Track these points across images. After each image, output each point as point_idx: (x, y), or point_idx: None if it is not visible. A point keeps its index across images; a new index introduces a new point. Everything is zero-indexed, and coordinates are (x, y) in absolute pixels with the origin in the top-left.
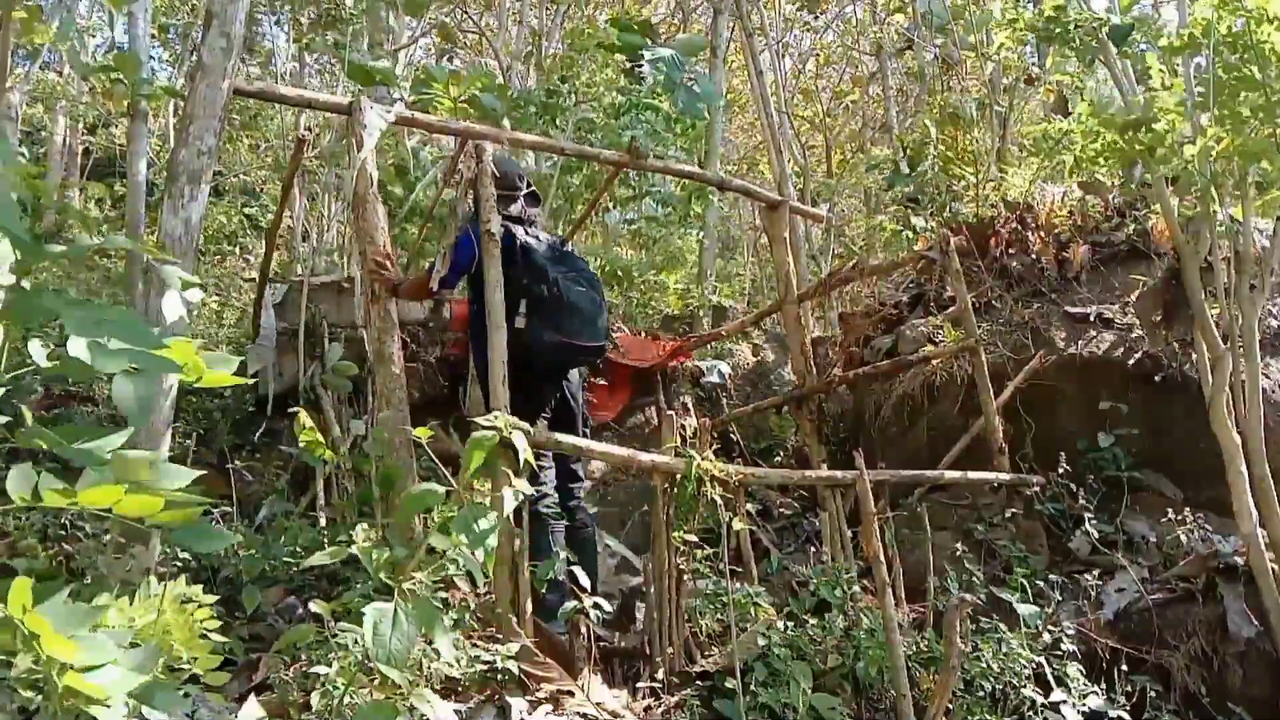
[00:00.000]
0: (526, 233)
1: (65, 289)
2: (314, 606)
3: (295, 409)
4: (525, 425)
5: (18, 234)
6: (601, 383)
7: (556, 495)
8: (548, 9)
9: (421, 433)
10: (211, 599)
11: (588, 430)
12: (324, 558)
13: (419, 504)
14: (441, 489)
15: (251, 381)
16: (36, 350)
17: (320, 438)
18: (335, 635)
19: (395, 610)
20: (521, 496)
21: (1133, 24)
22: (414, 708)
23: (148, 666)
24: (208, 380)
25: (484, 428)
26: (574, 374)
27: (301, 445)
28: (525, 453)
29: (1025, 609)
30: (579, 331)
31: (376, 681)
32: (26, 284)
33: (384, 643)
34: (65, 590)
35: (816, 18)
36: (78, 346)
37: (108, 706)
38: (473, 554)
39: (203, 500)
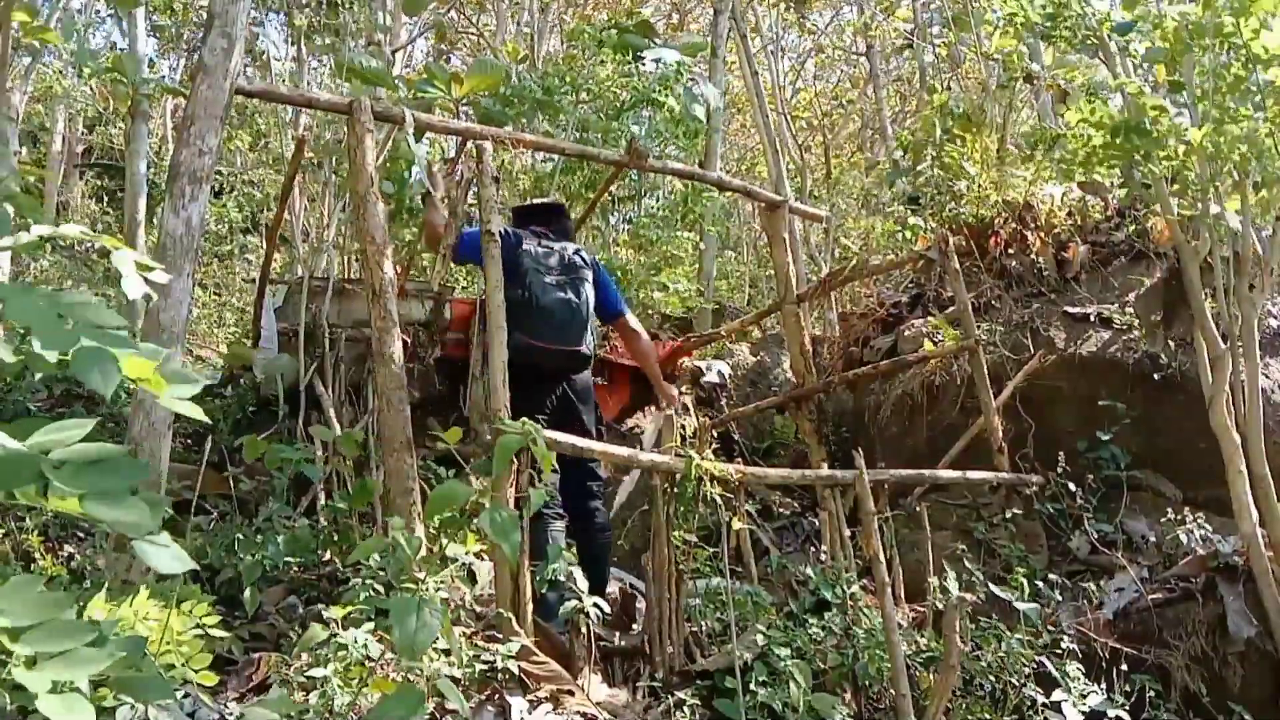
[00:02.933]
0: (540, 242)
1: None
2: (323, 611)
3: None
4: (547, 431)
5: None
6: (600, 382)
7: (558, 495)
8: (543, 10)
9: (452, 435)
10: (211, 599)
11: (602, 431)
12: (361, 553)
13: (447, 501)
14: (468, 488)
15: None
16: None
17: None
18: (335, 636)
19: (419, 604)
20: (544, 496)
21: (1135, 20)
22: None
23: (129, 657)
24: (166, 403)
25: (509, 430)
26: (580, 377)
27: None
28: (544, 454)
29: (1025, 607)
30: (547, 335)
31: (379, 677)
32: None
33: (409, 634)
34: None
35: (806, 17)
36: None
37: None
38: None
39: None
